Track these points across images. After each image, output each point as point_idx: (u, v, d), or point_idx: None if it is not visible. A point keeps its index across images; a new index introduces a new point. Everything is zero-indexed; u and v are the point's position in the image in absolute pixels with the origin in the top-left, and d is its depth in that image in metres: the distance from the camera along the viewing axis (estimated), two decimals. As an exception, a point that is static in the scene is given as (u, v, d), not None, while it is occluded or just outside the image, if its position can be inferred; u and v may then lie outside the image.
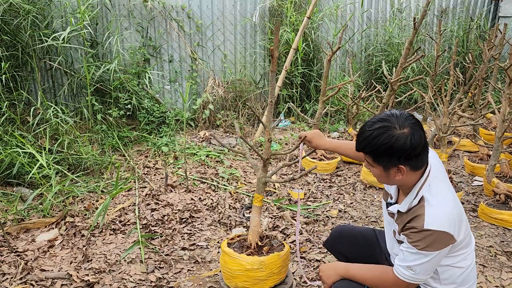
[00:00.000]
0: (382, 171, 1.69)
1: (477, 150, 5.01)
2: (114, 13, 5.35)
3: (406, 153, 1.59)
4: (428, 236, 1.59)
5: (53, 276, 2.66)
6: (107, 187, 3.97)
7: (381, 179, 1.75)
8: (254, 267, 2.22)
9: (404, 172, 1.65)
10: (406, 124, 1.61)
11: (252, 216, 2.42)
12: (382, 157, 1.64)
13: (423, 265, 1.64)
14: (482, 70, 4.26)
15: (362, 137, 1.67)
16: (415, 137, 1.59)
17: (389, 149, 1.60)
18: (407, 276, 1.68)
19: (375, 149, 1.63)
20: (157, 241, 3.11)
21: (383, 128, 1.61)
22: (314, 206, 3.72)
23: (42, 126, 4.23)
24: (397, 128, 1.60)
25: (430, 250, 1.60)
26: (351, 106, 4.99)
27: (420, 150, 1.62)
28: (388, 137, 1.59)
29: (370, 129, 1.64)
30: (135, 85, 5.29)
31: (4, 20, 4.30)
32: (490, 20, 7.53)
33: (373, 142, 1.62)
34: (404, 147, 1.58)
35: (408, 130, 1.60)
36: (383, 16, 6.92)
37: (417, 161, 1.64)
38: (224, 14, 5.92)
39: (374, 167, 1.71)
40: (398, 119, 1.62)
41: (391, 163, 1.64)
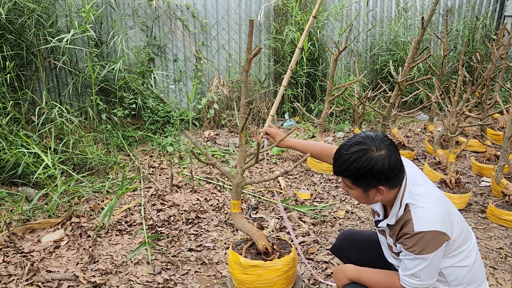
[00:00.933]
0: (362, 193, 1.70)
1: (484, 150, 4.97)
2: (119, 12, 5.33)
3: (385, 174, 1.62)
4: (421, 239, 1.60)
5: (60, 277, 2.64)
6: (112, 187, 3.95)
7: (361, 200, 1.75)
8: (289, 266, 2.23)
9: (383, 192, 1.67)
10: (383, 146, 1.63)
11: (242, 224, 2.38)
12: (362, 180, 1.65)
13: (425, 270, 1.64)
14: (491, 70, 4.22)
15: (340, 161, 1.67)
16: (392, 158, 1.62)
17: (368, 172, 1.61)
18: (413, 284, 1.68)
19: (355, 173, 1.63)
20: (164, 242, 3.09)
21: (361, 152, 1.62)
22: (320, 206, 3.70)
23: (47, 126, 4.21)
24: (374, 151, 1.62)
25: (427, 253, 1.60)
26: (357, 106, 4.95)
27: (397, 171, 1.65)
28: (366, 160, 1.60)
29: (348, 152, 1.64)
30: (139, 85, 5.27)
31: (9, 19, 4.28)
32: (495, 19, 7.48)
33: (352, 166, 1.63)
34: (382, 169, 1.60)
35: (385, 151, 1.62)
36: (389, 15, 6.88)
37: (395, 180, 1.66)
38: (229, 13, 5.89)
39: (353, 189, 1.71)
40: (374, 141, 1.63)
41: (370, 185, 1.65)
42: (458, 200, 3.59)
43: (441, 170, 4.13)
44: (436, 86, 4.82)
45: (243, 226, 2.36)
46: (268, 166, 4.32)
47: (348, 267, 1.93)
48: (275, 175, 2.36)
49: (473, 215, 3.58)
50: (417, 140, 5.59)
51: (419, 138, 5.67)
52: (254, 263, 2.25)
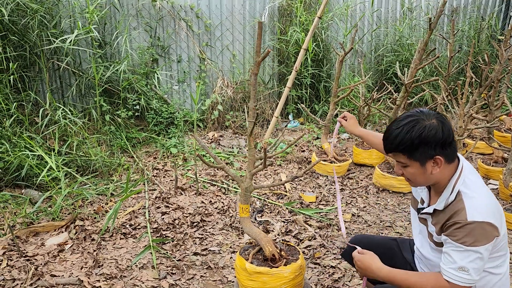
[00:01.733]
0: (419, 168, 1.64)
1: (490, 152, 4.92)
2: (123, 13, 5.30)
3: (440, 141, 1.58)
4: (474, 229, 1.52)
5: (64, 282, 2.62)
6: (116, 189, 3.92)
7: (418, 178, 1.68)
8: (296, 274, 2.19)
9: (441, 163, 1.61)
10: (433, 116, 1.62)
11: (250, 228, 2.34)
12: (418, 150, 1.60)
13: (474, 263, 1.54)
14: (498, 71, 4.17)
15: (392, 137, 1.64)
16: (446, 126, 1.61)
17: (423, 140, 1.58)
18: (461, 279, 1.56)
19: (409, 144, 1.60)
20: (169, 245, 3.06)
21: (412, 122, 1.61)
22: (326, 210, 3.66)
23: (51, 128, 4.19)
24: (425, 119, 1.61)
25: (479, 245, 1.52)
26: (362, 107, 4.91)
27: (451, 139, 1.62)
28: (420, 128, 1.58)
29: (398, 126, 1.63)
30: (143, 86, 5.24)
31: (12, 19, 4.26)
32: (501, 20, 7.42)
33: (405, 137, 1.60)
34: (437, 136, 1.58)
35: (436, 120, 1.61)
36: (393, 15, 6.83)
37: (451, 150, 1.62)
38: (233, 14, 5.86)
39: (409, 166, 1.65)
40: (423, 113, 1.64)
41: (427, 155, 1.60)
42: (466, 204, 3.55)
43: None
44: (443, 87, 4.77)
45: (251, 231, 2.33)
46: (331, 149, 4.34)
47: (381, 266, 1.75)
48: (284, 180, 2.32)
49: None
50: (423, 141, 5.54)
51: (424, 139, 5.62)
52: (260, 269, 2.21)
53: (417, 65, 3.93)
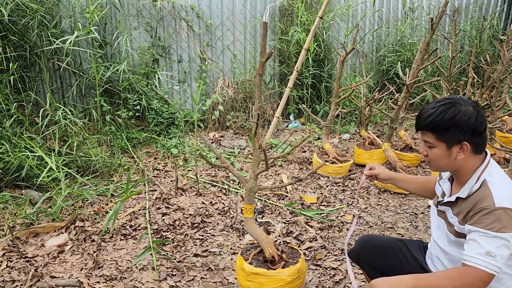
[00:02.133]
0: (445, 150, 1.65)
1: (492, 153, 4.90)
2: (123, 13, 5.29)
3: (472, 127, 1.60)
4: (503, 215, 1.50)
5: (64, 284, 2.60)
6: (116, 190, 3.91)
7: (441, 161, 1.68)
8: (294, 277, 2.16)
9: (467, 150, 1.62)
10: (469, 104, 1.64)
11: (253, 229, 2.32)
12: (447, 131, 1.62)
13: (501, 249, 1.49)
14: (501, 72, 4.15)
15: (426, 115, 1.66)
16: (480, 115, 1.62)
17: (456, 123, 1.60)
18: (488, 264, 1.50)
19: (441, 124, 1.62)
20: (169, 247, 3.04)
21: (448, 104, 1.63)
22: (327, 210, 3.64)
23: (51, 128, 4.18)
24: (462, 104, 1.63)
25: (507, 231, 1.49)
26: (363, 107, 4.89)
27: (483, 129, 1.63)
28: (455, 111, 1.61)
29: (435, 107, 1.65)
30: (144, 86, 5.22)
31: (12, 20, 4.24)
32: (503, 20, 7.40)
33: (439, 116, 1.62)
34: (470, 122, 1.59)
35: (473, 108, 1.63)
36: (395, 15, 6.81)
37: (480, 140, 1.63)
38: (234, 14, 5.84)
39: (436, 147, 1.67)
40: (462, 99, 1.66)
41: (455, 139, 1.62)
42: (468, 205, 3.53)
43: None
44: (444, 87, 4.76)
45: (254, 231, 2.31)
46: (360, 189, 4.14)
47: (399, 279, 1.59)
48: (288, 182, 2.31)
49: None
50: (424, 142, 5.52)
51: (426, 140, 5.60)
52: (257, 270, 2.19)
53: (419, 65, 3.92)
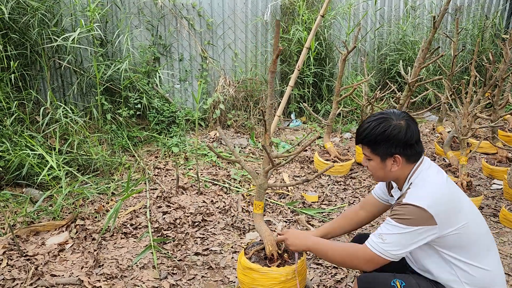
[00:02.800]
0: (380, 163, 1.78)
1: (494, 152, 4.88)
2: (124, 11, 5.27)
3: (402, 141, 1.72)
4: (406, 209, 1.65)
5: (64, 282, 2.59)
6: (117, 188, 3.90)
7: (378, 172, 1.83)
8: (288, 278, 2.13)
9: (400, 162, 1.75)
10: (401, 117, 1.76)
11: (259, 225, 2.31)
12: (380, 146, 1.75)
13: (394, 236, 1.66)
14: (503, 70, 4.13)
15: (361, 129, 1.80)
16: (410, 129, 1.73)
17: (386, 137, 1.72)
18: (375, 243, 1.71)
19: (374, 138, 1.75)
20: (170, 245, 3.03)
21: (380, 119, 1.76)
22: (329, 209, 3.63)
23: (52, 126, 4.17)
24: (394, 119, 1.75)
25: (406, 224, 1.64)
26: (365, 106, 4.87)
27: (414, 141, 1.74)
28: (385, 126, 1.73)
29: (369, 121, 1.79)
30: (145, 84, 5.21)
31: (12, 18, 4.23)
32: (505, 19, 7.37)
33: (371, 131, 1.75)
34: (400, 136, 1.71)
35: (404, 122, 1.74)
36: (397, 14, 6.78)
37: (411, 151, 1.75)
38: (235, 12, 5.83)
39: (372, 159, 1.80)
40: (394, 114, 1.78)
41: (387, 152, 1.74)
42: (470, 204, 3.51)
43: (451, 172, 4.05)
44: (446, 86, 4.74)
45: (259, 228, 2.31)
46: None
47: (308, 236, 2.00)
48: (296, 181, 2.29)
49: (485, 219, 3.49)
50: (426, 141, 5.51)
51: (427, 139, 5.58)
52: (251, 265, 2.19)
53: (421, 63, 3.90)
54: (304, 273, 2.28)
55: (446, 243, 1.69)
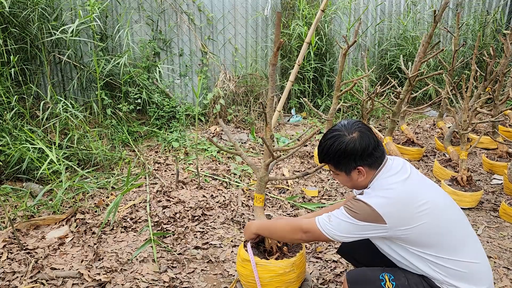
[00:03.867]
0: (345, 176, 1.84)
1: (495, 147, 4.88)
2: (124, 5, 5.26)
3: (359, 154, 1.75)
4: (357, 204, 1.72)
5: (64, 275, 2.60)
6: (117, 183, 3.90)
7: (347, 184, 1.89)
8: (286, 271, 2.14)
9: (364, 172, 1.79)
10: (354, 129, 1.78)
11: (259, 219, 2.32)
12: (341, 162, 1.80)
13: (340, 222, 1.75)
14: (504, 65, 4.12)
15: (320, 150, 1.86)
16: (364, 138, 1.76)
17: (343, 154, 1.77)
18: (322, 219, 1.81)
19: (332, 157, 1.80)
20: (169, 239, 3.04)
21: (334, 137, 1.80)
22: (329, 204, 3.63)
23: (52, 121, 4.17)
24: (346, 135, 1.77)
25: (353, 217, 1.71)
26: (365, 101, 4.86)
27: (371, 149, 1.77)
28: (340, 143, 1.77)
29: (324, 141, 1.83)
30: (145, 79, 5.21)
31: (13, 12, 4.23)
32: (507, 14, 7.34)
33: (329, 151, 1.80)
34: (355, 149, 1.75)
35: (357, 134, 1.77)
36: (397, 9, 6.76)
37: (372, 159, 1.78)
38: (235, 7, 5.81)
39: (338, 174, 1.86)
40: (346, 127, 1.80)
41: (349, 166, 1.79)
42: (469, 199, 3.51)
43: (451, 167, 4.05)
44: (447, 81, 4.73)
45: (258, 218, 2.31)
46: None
47: (253, 222, 2.16)
48: (296, 175, 2.30)
49: (485, 213, 3.50)
50: (426, 136, 5.50)
51: (428, 134, 5.58)
52: (249, 258, 2.20)
53: (421, 58, 3.89)
54: (303, 266, 2.28)
55: (410, 241, 1.71)
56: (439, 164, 4.12)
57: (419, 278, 1.77)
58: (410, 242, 1.72)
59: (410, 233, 1.69)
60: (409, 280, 1.76)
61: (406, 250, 1.76)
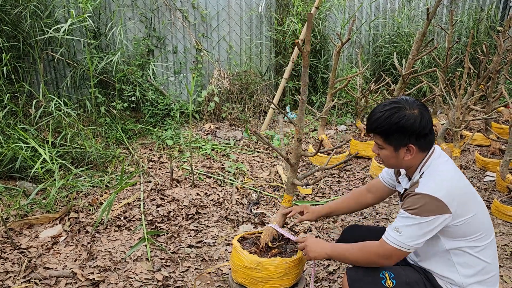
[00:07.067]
0: (392, 152, 1.75)
1: (488, 144, 4.91)
2: (118, 3, 5.23)
3: (416, 132, 1.68)
4: (419, 200, 1.64)
5: (57, 275, 2.60)
6: (111, 181, 3.90)
7: (390, 161, 1.79)
8: (251, 266, 2.16)
9: (413, 151, 1.72)
10: (415, 106, 1.71)
11: (275, 216, 2.36)
12: (393, 135, 1.71)
13: (410, 228, 1.65)
14: (497, 63, 4.14)
15: (374, 118, 1.75)
16: (424, 118, 1.69)
17: (400, 128, 1.68)
18: (392, 237, 1.69)
19: (387, 128, 1.70)
20: (163, 238, 3.04)
21: (394, 109, 1.70)
22: (322, 202, 3.64)
23: (45, 119, 4.15)
24: (407, 109, 1.69)
25: (420, 215, 1.63)
26: (359, 99, 4.87)
27: (428, 131, 1.70)
28: (399, 116, 1.68)
29: (382, 110, 1.73)
30: (139, 77, 5.19)
31: (4, 9, 4.19)
32: (500, 11, 7.36)
33: (385, 121, 1.70)
34: (414, 126, 1.67)
35: (417, 111, 1.70)
36: (392, 6, 6.76)
37: (425, 141, 1.72)
38: (230, 4, 5.79)
39: (384, 148, 1.77)
40: (407, 102, 1.72)
41: (401, 142, 1.71)
42: (462, 196, 3.53)
43: (445, 164, 4.06)
44: (441, 78, 4.74)
45: (273, 219, 2.36)
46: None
47: (325, 243, 1.94)
48: (335, 164, 2.29)
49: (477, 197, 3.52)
50: (420, 133, 5.52)
51: (422, 131, 5.59)
52: (235, 244, 2.26)
53: (415, 56, 3.90)
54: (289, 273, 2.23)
55: (452, 232, 1.69)
56: (432, 161, 4.13)
57: (419, 276, 1.78)
58: (450, 235, 1.69)
59: (460, 225, 1.66)
60: (409, 278, 1.76)
61: (439, 243, 1.73)
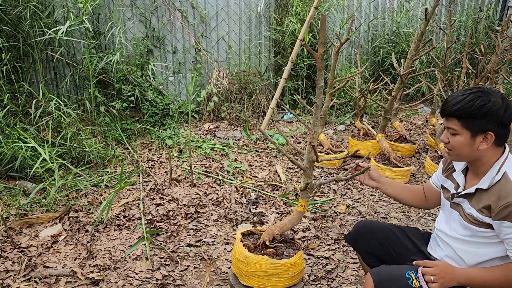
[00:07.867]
0: (468, 138, 1.64)
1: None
2: (117, 3, 5.24)
3: (499, 119, 1.60)
4: None
5: (57, 273, 2.61)
6: (111, 181, 3.91)
7: (463, 149, 1.67)
8: (240, 259, 2.26)
9: (491, 141, 1.62)
10: (499, 96, 1.63)
11: (287, 218, 2.39)
12: (474, 120, 1.61)
13: None
14: (495, 62, 4.15)
15: (455, 101, 1.65)
16: (509, 109, 1.62)
17: (485, 112, 1.59)
18: None
19: (469, 112, 1.61)
20: (163, 237, 3.05)
21: (479, 93, 1.62)
22: (321, 201, 3.66)
23: (45, 119, 4.16)
24: (492, 95, 1.62)
25: None
26: (358, 98, 4.89)
27: (508, 122, 1.62)
28: (484, 100, 1.60)
29: (464, 94, 1.64)
30: (138, 77, 5.20)
31: (4, 9, 4.21)
32: (499, 11, 7.38)
33: (468, 104, 1.61)
34: (499, 113, 1.59)
35: (501, 100, 1.62)
36: (391, 6, 6.78)
37: (504, 131, 1.63)
38: (229, 4, 5.80)
39: (459, 134, 1.66)
40: (492, 90, 1.64)
41: (481, 128, 1.61)
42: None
43: (443, 164, 4.08)
44: (439, 78, 4.76)
45: (283, 220, 2.37)
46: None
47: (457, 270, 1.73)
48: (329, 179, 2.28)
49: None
50: (419, 133, 5.54)
51: (420, 131, 5.62)
52: (237, 236, 2.34)
53: (413, 56, 3.91)
54: (278, 274, 2.25)
55: None
56: (430, 161, 4.15)
57: None
58: None
59: None
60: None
61: (503, 251, 1.67)
